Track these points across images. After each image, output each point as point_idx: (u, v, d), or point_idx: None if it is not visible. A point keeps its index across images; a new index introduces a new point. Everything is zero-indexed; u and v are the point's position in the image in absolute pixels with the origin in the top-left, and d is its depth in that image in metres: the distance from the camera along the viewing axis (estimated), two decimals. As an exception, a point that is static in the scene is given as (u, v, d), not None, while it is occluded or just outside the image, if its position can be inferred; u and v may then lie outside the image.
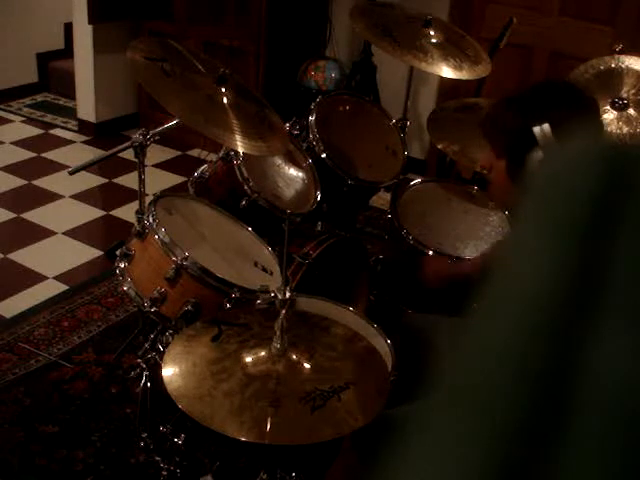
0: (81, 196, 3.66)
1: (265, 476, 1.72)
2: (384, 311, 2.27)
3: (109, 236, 3.34)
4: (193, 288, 1.73)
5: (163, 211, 1.85)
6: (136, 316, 2.52)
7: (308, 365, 1.46)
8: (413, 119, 3.22)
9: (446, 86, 3.75)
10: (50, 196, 3.63)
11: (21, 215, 3.43)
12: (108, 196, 3.72)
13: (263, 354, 1.46)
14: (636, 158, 0.43)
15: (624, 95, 2.26)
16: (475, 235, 2.24)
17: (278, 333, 1.44)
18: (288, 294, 1.47)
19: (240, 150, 1.87)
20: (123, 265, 1.83)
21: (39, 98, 4.94)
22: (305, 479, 1.75)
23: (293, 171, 2.26)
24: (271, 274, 1.88)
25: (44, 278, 2.95)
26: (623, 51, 2.36)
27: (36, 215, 3.44)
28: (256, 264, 1.90)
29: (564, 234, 0.42)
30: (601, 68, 2.30)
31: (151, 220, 1.77)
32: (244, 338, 1.52)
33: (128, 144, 1.84)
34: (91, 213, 3.52)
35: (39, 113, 4.69)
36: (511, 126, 1.47)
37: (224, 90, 1.88)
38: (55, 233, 3.30)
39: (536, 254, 0.43)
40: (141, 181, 1.89)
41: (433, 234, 2.22)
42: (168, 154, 4.17)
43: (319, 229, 2.38)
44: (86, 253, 3.16)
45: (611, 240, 0.40)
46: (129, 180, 3.79)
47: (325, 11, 4.15)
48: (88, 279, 2.95)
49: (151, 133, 1.83)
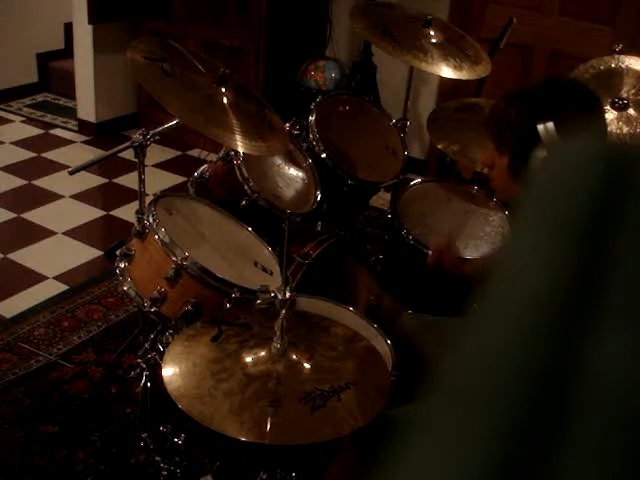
0: (81, 196, 3.66)
1: (265, 476, 1.71)
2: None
3: (109, 236, 3.34)
4: (193, 288, 1.73)
5: (163, 211, 1.85)
6: (136, 316, 2.52)
7: (308, 365, 1.46)
8: (413, 119, 3.23)
9: (446, 86, 3.75)
10: (50, 196, 3.63)
11: (21, 215, 3.43)
12: (108, 196, 3.72)
13: (263, 354, 1.46)
14: (636, 158, 0.43)
15: (624, 95, 2.26)
16: (475, 235, 2.24)
17: (278, 333, 1.44)
18: (288, 294, 1.47)
19: (240, 150, 1.87)
20: (123, 265, 1.83)
21: (39, 98, 4.94)
22: (305, 479, 1.75)
23: (293, 171, 2.26)
24: (271, 274, 1.88)
25: (44, 278, 2.95)
26: (623, 51, 2.36)
27: (36, 215, 3.44)
28: (256, 264, 1.90)
29: (564, 234, 0.42)
30: (601, 68, 2.30)
31: (151, 220, 1.77)
32: (244, 338, 1.52)
33: (128, 144, 1.84)
34: (91, 213, 3.52)
35: (39, 113, 4.69)
36: (516, 123, 1.46)
37: (224, 90, 1.88)
38: (55, 233, 3.30)
39: (536, 254, 0.43)
40: (141, 181, 1.89)
41: (433, 234, 2.21)
42: (168, 154, 4.17)
43: (319, 229, 2.38)
44: (86, 253, 3.16)
45: (611, 240, 0.40)
46: (129, 180, 3.79)
47: (325, 11, 4.15)
48: (88, 279, 2.95)
49: (151, 133, 1.83)
